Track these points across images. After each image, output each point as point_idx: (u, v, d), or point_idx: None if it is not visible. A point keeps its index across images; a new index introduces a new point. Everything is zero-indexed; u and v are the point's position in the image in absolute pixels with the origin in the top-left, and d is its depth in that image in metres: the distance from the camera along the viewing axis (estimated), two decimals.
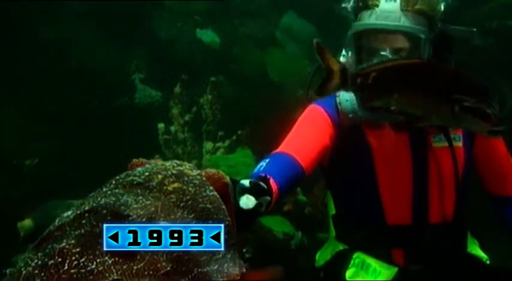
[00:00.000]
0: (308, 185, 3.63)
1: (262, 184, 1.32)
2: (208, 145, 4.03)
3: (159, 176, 0.89)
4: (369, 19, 1.75)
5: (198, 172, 0.95)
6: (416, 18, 1.73)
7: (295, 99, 4.55)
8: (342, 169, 1.93)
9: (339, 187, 2.02)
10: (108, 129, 4.56)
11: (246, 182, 1.25)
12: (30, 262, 0.73)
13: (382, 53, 1.73)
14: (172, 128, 4.04)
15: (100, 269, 0.71)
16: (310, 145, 1.79)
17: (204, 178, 0.94)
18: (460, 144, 1.88)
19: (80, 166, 4.43)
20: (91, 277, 0.70)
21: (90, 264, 0.71)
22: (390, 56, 1.72)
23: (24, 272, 0.71)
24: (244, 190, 1.25)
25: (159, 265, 0.75)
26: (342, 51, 1.91)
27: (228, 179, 1.01)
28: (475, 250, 2.00)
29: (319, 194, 3.46)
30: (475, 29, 1.77)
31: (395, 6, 1.72)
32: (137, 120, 4.73)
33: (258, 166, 1.59)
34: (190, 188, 0.89)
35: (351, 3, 1.85)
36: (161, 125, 4.00)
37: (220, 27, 5.45)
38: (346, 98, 1.81)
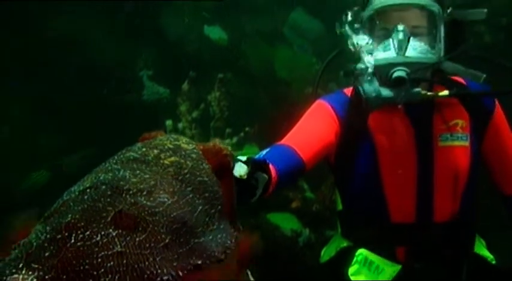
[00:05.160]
0: (316, 183, 3.63)
1: (260, 162, 1.32)
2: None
3: (155, 151, 0.91)
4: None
5: (195, 146, 0.97)
6: None
7: (302, 96, 4.56)
8: (347, 166, 1.93)
9: (344, 183, 2.02)
10: (116, 125, 4.57)
11: (243, 158, 1.23)
12: (40, 235, 0.76)
13: (399, 27, 1.72)
14: (180, 125, 4.04)
15: (104, 241, 0.74)
16: (312, 139, 1.78)
17: (200, 152, 0.95)
18: (466, 143, 1.86)
19: (87, 161, 4.45)
20: (96, 249, 0.73)
21: (95, 236, 0.74)
22: (407, 31, 1.72)
23: (35, 244, 0.75)
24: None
25: (159, 237, 0.78)
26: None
27: (228, 149, 1.00)
28: (481, 249, 2.00)
29: (327, 192, 3.46)
30: (485, 10, 1.77)
31: None
32: (145, 117, 4.73)
33: (258, 154, 1.58)
34: (188, 162, 0.91)
35: None
36: (169, 122, 3.99)
37: (228, 23, 5.45)
38: (367, 80, 1.77)
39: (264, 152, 1.59)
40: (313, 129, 1.84)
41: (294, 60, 5.32)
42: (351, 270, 1.92)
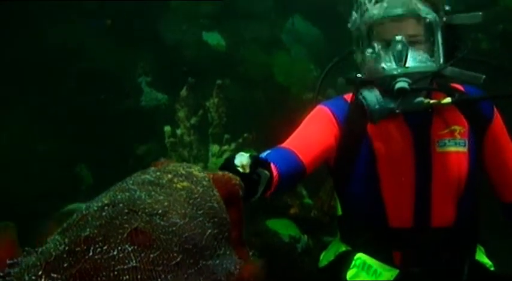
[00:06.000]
0: (314, 189, 3.63)
1: (262, 160, 1.32)
2: (215, 148, 4.03)
3: (169, 176, 0.97)
4: (378, 11, 1.77)
5: (206, 174, 1.02)
6: (422, 5, 1.76)
7: (301, 102, 4.56)
8: (346, 170, 1.94)
9: (343, 188, 2.02)
10: (115, 131, 4.57)
11: (245, 154, 1.25)
12: (59, 246, 0.80)
13: (397, 38, 1.73)
14: (179, 131, 4.03)
15: (121, 255, 0.78)
16: (312, 143, 1.80)
17: (211, 180, 1.00)
18: (464, 149, 1.87)
19: (87, 167, 4.45)
20: (113, 263, 0.77)
21: (112, 251, 0.78)
22: (406, 42, 1.73)
23: (54, 254, 0.78)
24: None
25: (171, 255, 0.82)
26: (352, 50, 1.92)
27: (238, 179, 1.04)
28: (480, 256, 2.00)
29: (326, 198, 3.45)
30: (480, 13, 1.77)
31: None
32: (144, 123, 4.74)
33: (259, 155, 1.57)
34: (199, 188, 0.96)
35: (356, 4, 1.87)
36: (167, 128, 3.99)
37: (226, 30, 5.46)
38: (368, 91, 1.78)
39: (265, 153, 1.59)
40: (313, 133, 1.85)
41: (292, 66, 5.34)
42: (349, 274, 1.92)
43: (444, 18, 1.79)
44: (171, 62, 5.11)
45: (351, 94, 1.96)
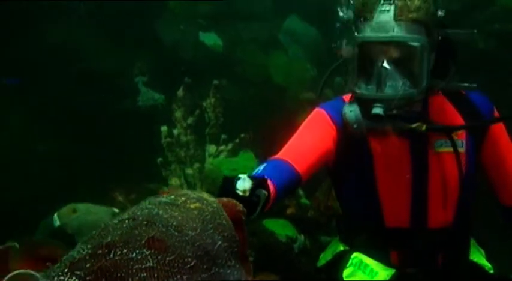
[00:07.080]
0: (311, 189, 3.64)
1: (259, 179, 1.40)
2: (211, 148, 4.04)
3: (183, 198, 1.07)
4: (364, 31, 1.74)
5: (215, 199, 1.11)
6: (410, 27, 1.69)
7: (298, 102, 4.57)
8: (344, 171, 1.96)
9: (341, 188, 2.04)
10: (112, 131, 4.58)
11: (244, 175, 1.34)
12: (82, 251, 0.89)
13: (379, 63, 1.72)
14: (175, 131, 4.05)
15: (139, 257, 0.86)
16: (308, 151, 1.82)
17: (220, 204, 1.09)
18: (462, 150, 1.88)
19: (84, 167, 4.46)
20: (132, 263, 0.85)
21: (131, 254, 0.87)
22: (388, 67, 1.72)
23: (77, 257, 0.87)
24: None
25: (186, 260, 0.90)
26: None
27: (241, 206, 1.12)
28: (479, 258, 2.01)
29: (322, 198, 3.46)
30: (475, 31, 1.77)
31: (389, 16, 1.69)
32: (140, 123, 4.74)
33: (255, 170, 1.63)
34: (209, 208, 1.05)
35: (349, 14, 1.84)
36: (164, 128, 4.00)
37: (224, 30, 5.47)
38: (350, 109, 1.82)
39: (262, 167, 1.64)
40: (310, 140, 1.87)
41: (290, 66, 5.35)
42: (346, 272, 1.95)
43: (437, 32, 1.76)
44: (168, 62, 5.12)
45: (349, 95, 1.96)
